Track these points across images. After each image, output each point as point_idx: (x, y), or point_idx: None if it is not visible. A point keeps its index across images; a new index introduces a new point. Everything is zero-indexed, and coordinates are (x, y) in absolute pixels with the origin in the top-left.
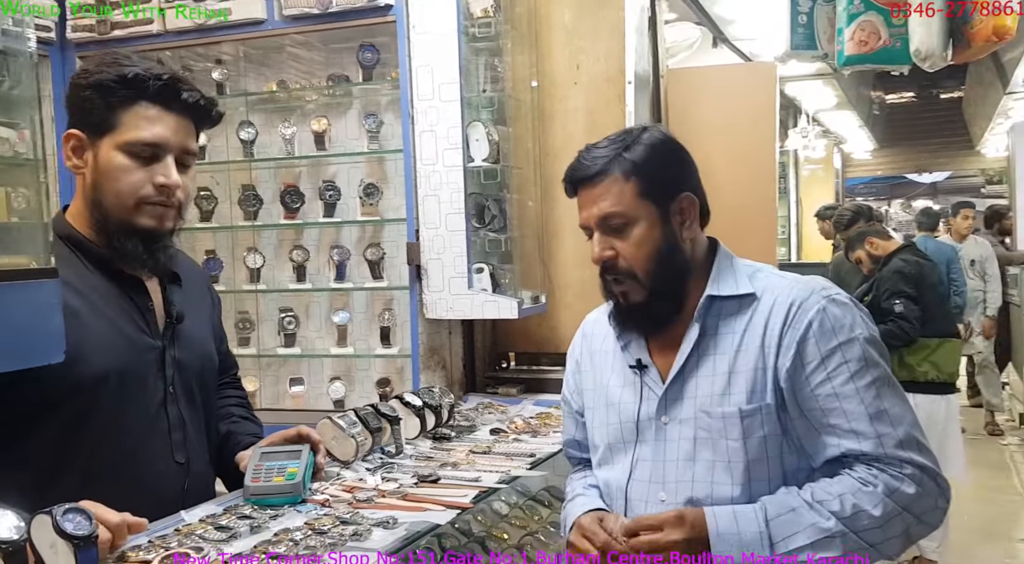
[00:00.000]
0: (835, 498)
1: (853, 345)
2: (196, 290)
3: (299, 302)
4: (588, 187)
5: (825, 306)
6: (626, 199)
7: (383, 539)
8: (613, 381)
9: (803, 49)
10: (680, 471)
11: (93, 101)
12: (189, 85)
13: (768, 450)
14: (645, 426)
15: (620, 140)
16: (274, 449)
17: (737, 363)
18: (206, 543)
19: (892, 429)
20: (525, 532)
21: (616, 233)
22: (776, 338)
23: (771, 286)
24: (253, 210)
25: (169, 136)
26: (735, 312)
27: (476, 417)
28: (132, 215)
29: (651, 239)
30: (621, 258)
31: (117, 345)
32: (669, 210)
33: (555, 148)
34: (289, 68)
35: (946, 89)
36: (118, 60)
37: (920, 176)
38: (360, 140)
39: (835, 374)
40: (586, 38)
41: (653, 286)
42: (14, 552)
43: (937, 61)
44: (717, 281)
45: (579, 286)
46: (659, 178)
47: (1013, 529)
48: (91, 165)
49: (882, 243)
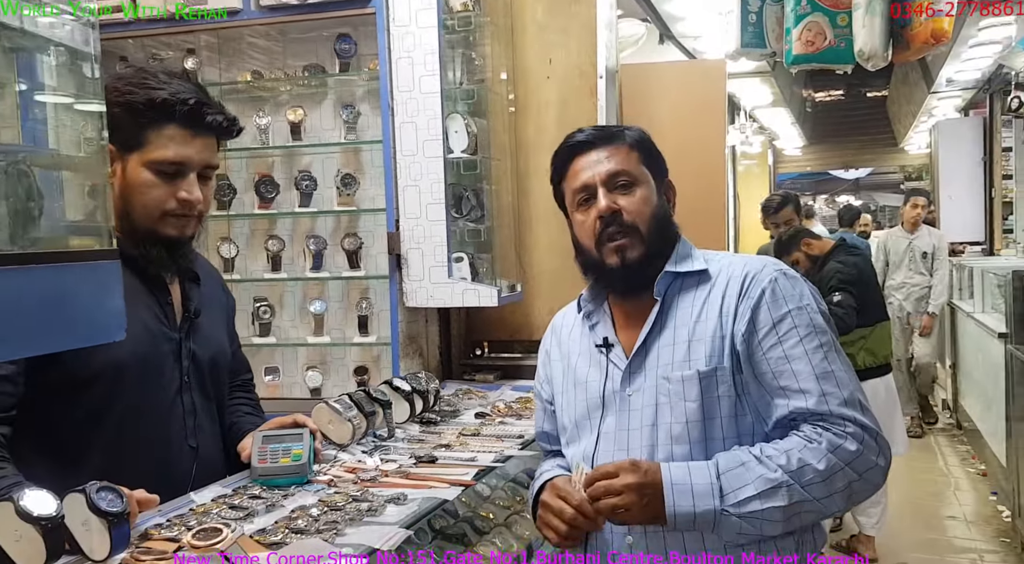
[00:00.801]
0: (782, 454)
1: (802, 312)
2: (213, 290)
3: (273, 292)
4: (592, 151)
5: (776, 278)
6: (632, 162)
7: (398, 513)
8: (580, 363)
9: (753, 47)
10: (644, 437)
11: (122, 119)
12: (214, 107)
13: (722, 409)
14: (610, 400)
15: (614, 126)
16: (276, 432)
17: (696, 331)
18: (229, 521)
19: (837, 389)
20: (510, 511)
21: (622, 190)
22: (733, 307)
23: (726, 263)
24: (226, 200)
25: (193, 155)
26: (693, 286)
27: (458, 402)
28: (157, 225)
29: (651, 203)
30: (625, 212)
31: (138, 335)
32: (661, 185)
33: (528, 140)
34: (256, 58)
35: (873, 88)
36: (147, 82)
37: (845, 172)
38: (335, 131)
39: (785, 337)
40: (558, 33)
41: (651, 243)
42: (53, 528)
43: (879, 61)
44: (675, 261)
45: (551, 275)
46: (653, 157)
47: (941, 508)
48: (119, 176)
49: (817, 243)
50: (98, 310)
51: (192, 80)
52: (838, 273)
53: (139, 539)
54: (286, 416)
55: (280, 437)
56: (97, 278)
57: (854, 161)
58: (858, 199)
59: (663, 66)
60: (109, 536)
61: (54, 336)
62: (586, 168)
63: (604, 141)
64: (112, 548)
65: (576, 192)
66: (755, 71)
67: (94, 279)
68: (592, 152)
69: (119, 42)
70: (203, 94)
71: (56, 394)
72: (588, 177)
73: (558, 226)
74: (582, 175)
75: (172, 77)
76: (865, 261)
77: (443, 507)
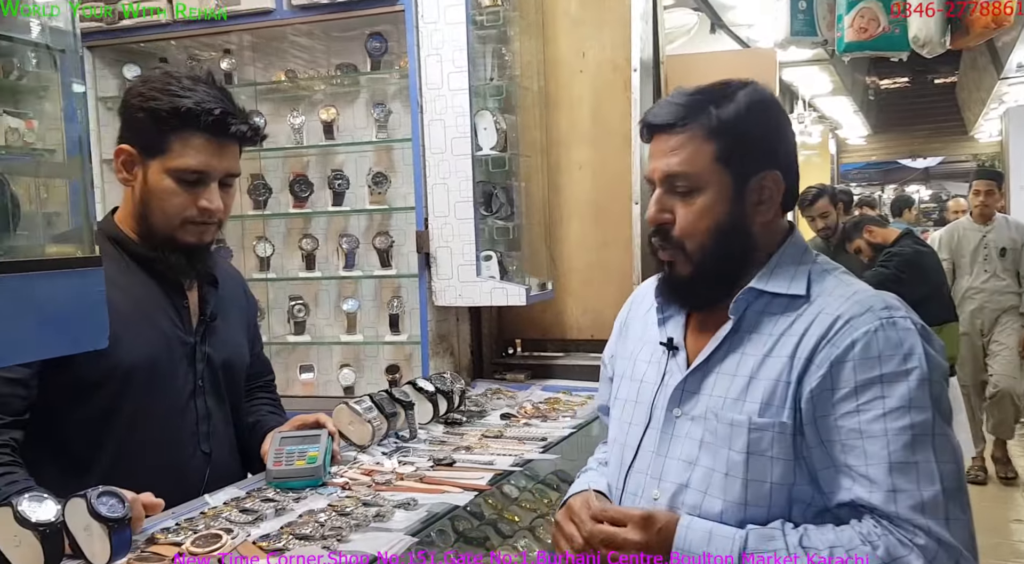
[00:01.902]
0: (825, 549)
1: (899, 381)
2: (232, 293)
3: (308, 290)
4: (663, 135)
5: (878, 328)
6: (700, 161)
7: (405, 520)
8: (642, 355)
9: (803, 35)
10: (678, 473)
11: (146, 124)
12: (239, 116)
13: (774, 474)
14: (657, 413)
15: (713, 91)
16: (294, 434)
17: (762, 369)
18: (234, 525)
19: (915, 486)
20: (536, 514)
21: (679, 196)
22: (808, 351)
23: (828, 292)
24: (262, 199)
25: (216, 164)
26: (780, 312)
27: (485, 402)
28: (176, 232)
29: (715, 213)
30: (677, 226)
31: (150, 338)
32: (746, 186)
33: (561, 135)
34: (296, 58)
35: (940, 74)
36: (171, 88)
37: (913, 161)
38: (368, 129)
39: (866, 408)
40: (591, 25)
41: (701, 264)
42: (51, 534)
43: (935, 47)
44: (769, 274)
45: (584, 273)
46: (745, 146)
47: (1007, 511)
48: (140, 181)
49: (880, 231)
50: (80, 318)
51: (217, 85)
52: (896, 256)
53: (146, 543)
54: (308, 415)
55: (298, 439)
56: (79, 286)
57: (922, 150)
58: (928, 188)
59: (711, 56)
60: (109, 541)
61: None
62: (653, 156)
63: (679, 124)
64: (113, 553)
65: (647, 181)
66: (813, 59)
67: (75, 287)
68: (663, 135)
69: (160, 43)
70: (228, 102)
71: (66, 397)
72: (650, 169)
73: (591, 222)
74: (650, 163)
75: (197, 82)
76: (932, 252)
77: (467, 509)
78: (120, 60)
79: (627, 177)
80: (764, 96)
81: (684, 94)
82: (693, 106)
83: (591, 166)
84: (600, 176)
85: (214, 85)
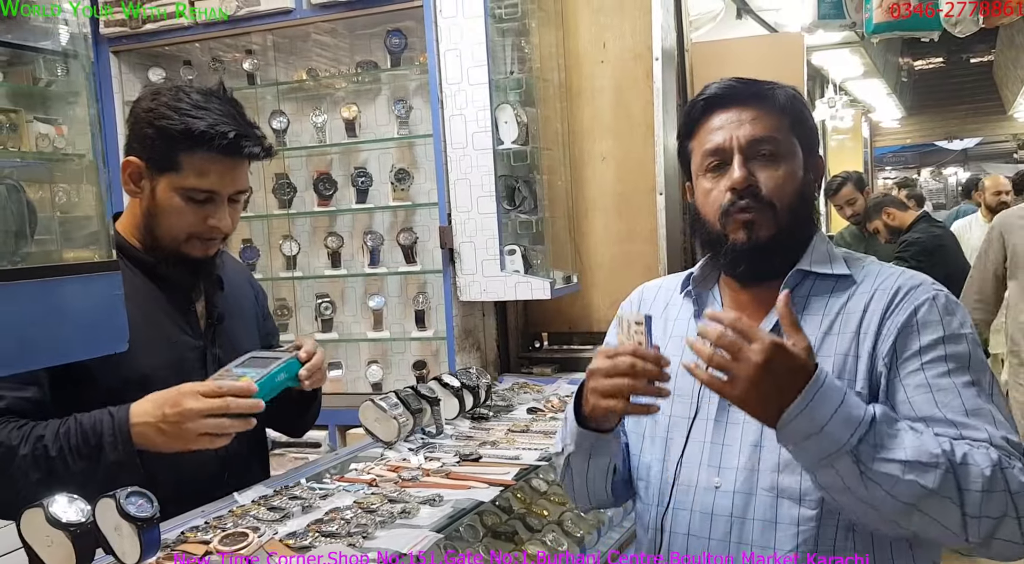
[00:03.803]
0: (947, 440)
1: (960, 341)
2: (239, 288)
3: (334, 288)
4: (734, 108)
5: (935, 296)
6: (783, 130)
7: (431, 516)
8: (672, 348)
9: (831, 18)
10: (743, 458)
11: (156, 141)
12: (252, 138)
13: None
14: (705, 401)
15: (759, 81)
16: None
17: (824, 346)
18: (261, 523)
19: (994, 427)
20: (564, 508)
21: (763, 161)
22: (875, 324)
23: (874, 271)
24: (287, 198)
25: (227, 184)
26: (827, 292)
27: (512, 397)
28: (182, 246)
29: (796, 179)
30: (764, 187)
31: (159, 346)
32: (809, 161)
33: (583, 127)
34: (317, 56)
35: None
36: (183, 106)
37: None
38: (390, 126)
39: (930, 365)
40: (612, 15)
41: (787, 224)
42: (82, 534)
43: (968, 26)
44: (811, 258)
45: (610, 265)
46: (806, 126)
47: None
48: (147, 195)
49: (899, 214)
50: (99, 322)
51: (229, 97)
52: (914, 243)
53: (175, 541)
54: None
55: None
56: (97, 290)
57: (959, 131)
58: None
59: (736, 42)
60: (139, 540)
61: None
62: (723, 127)
63: (751, 98)
64: (143, 552)
65: (707, 154)
66: (843, 42)
67: (94, 291)
68: (733, 109)
69: (184, 46)
70: (242, 121)
71: (77, 409)
72: (724, 139)
73: (616, 214)
74: (717, 135)
75: (210, 98)
76: (949, 234)
77: (496, 504)
78: (145, 64)
79: (650, 168)
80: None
81: (739, 79)
82: (759, 85)
83: (614, 157)
84: (623, 167)
85: (226, 100)
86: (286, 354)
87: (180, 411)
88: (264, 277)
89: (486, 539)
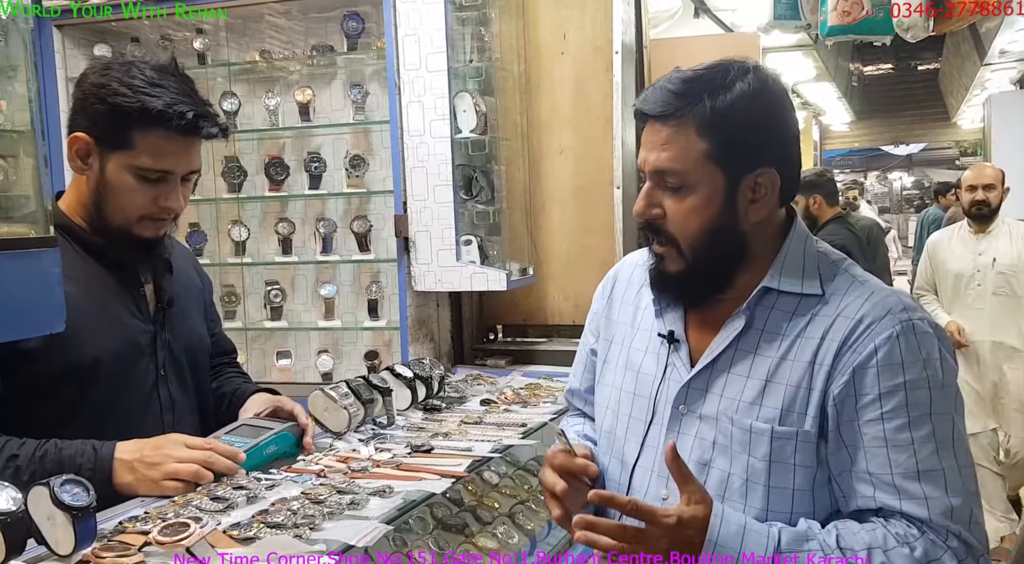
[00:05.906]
0: (863, 549)
1: (921, 387)
2: (185, 273)
3: (285, 275)
4: (655, 125)
5: (899, 333)
6: (691, 159)
7: (380, 507)
8: (636, 343)
9: (786, 19)
10: None
11: (107, 118)
12: (210, 118)
13: (796, 481)
14: (661, 408)
15: (710, 78)
16: (253, 422)
17: (778, 372)
18: (204, 513)
19: (943, 494)
20: (516, 501)
21: (671, 192)
22: (832, 357)
23: (842, 287)
24: (237, 182)
25: (181, 164)
26: (792, 310)
27: (465, 388)
28: (133, 227)
29: (706, 213)
30: (668, 221)
31: (110, 330)
32: (740, 184)
33: (542, 119)
34: (271, 38)
35: (924, 61)
36: (137, 83)
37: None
38: (345, 111)
39: (891, 416)
40: (573, 7)
41: (694, 261)
42: (12, 523)
43: (919, 32)
44: (780, 271)
45: (566, 258)
46: (739, 143)
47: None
48: (96, 172)
49: (823, 206)
50: (35, 301)
51: (182, 74)
52: None
53: (113, 532)
54: (288, 403)
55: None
56: (33, 268)
57: (905, 136)
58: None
59: (693, 41)
60: (74, 530)
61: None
62: (645, 145)
63: (670, 115)
64: (77, 543)
65: (639, 169)
66: (797, 45)
67: (30, 268)
68: (655, 126)
69: (132, 22)
70: (198, 100)
71: (29, 393)
72: (641, 159)
73: (573, 207)
74: (641, 152)
75: (164, 75)
76: (856, 240)
77: (446, 496)
78: (90, 39)
79: (609, 161)
80: (764, 84)
81: (679, 79)
82: (687, 94)
83: (572, 150)
84: (582, 160)
85: (180, 77)
86: (278, 424)
87: (160, 453)
88: (212, 262)
89: (436, 531)
